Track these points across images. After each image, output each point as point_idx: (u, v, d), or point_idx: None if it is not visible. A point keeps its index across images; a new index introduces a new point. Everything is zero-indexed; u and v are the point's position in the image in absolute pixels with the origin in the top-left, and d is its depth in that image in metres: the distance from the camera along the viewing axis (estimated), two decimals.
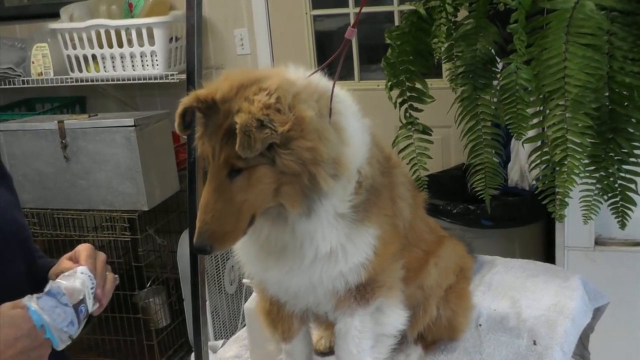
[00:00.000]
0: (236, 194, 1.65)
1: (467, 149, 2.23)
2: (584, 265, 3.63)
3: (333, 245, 1.79)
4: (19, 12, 5.84)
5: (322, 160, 1.63)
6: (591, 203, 2.04)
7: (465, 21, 2.14)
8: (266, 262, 1.86)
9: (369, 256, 1.84)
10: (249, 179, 1.64)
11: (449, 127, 4.60)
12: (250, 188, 1.64)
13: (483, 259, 2.92)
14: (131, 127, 4.44)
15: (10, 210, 1.95)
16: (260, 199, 1.66)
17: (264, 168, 1.63)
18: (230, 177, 1.65)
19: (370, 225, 1.83)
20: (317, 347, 2.31)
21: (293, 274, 1.83)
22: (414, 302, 2.13)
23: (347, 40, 1.82)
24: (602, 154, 1.95)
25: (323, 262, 1.81)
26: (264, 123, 1.57)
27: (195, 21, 1.93)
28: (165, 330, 5.08)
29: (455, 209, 4.18)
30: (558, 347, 2.27)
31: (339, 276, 1.84)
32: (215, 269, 4.64)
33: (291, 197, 1.66)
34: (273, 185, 1.65)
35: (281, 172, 1.63)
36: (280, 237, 1.79)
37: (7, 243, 1.89)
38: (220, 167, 1.65)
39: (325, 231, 1.77)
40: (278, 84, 1.64)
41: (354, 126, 1.78)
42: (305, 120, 1.61)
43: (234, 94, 1.65)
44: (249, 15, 5.21)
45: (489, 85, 2.14)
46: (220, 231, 1.67)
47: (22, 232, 1.98)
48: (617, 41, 1.81)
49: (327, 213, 1.75)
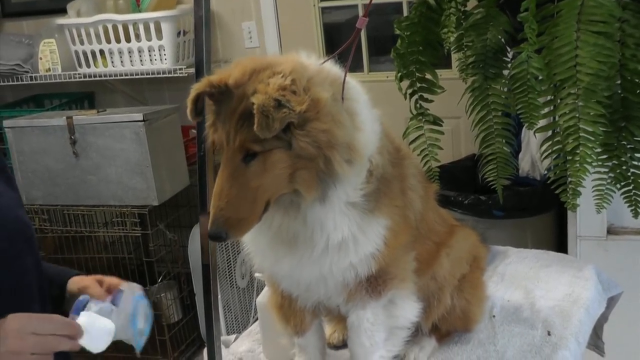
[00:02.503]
0: (251, 178, 1.64)
1: (478, 139, 2.22)
2: (597, 254, 3.62)
3: (345, 235, 1.79)
4: (26, 8, 5.83)
5: (337, 143, 1.63)
6: (604, 192, 2.03)
7: (475, 10, 2.13)
8: (277, 253, 1.86)
9: (379, 247, 1.84)
10: (264, 163, 1.64)
11: (459, 118, 4.60)
12: (266, 172, 1.64)
13: (495, 250, 2.91)
14: (140, 122, 4.43)
15: (14, 209, 1.96)
16: (276, 184, 1.66)
17: (280, 152, 1.63)
18: (245, 161, 1.64)
19: (381, 215, 1.83)
20: (331, 340, 2.30)
21: (304, 264, 1.83)
22: (428, 293, 2.12)
23: (359, 30, 1.82)
24: (614, 143, 1.93)
25: (334, 252, 1.81)
26: (281, 103, 1.57)
27: (203, 14, 1.92)
28: (177, 325, 5.08)
29: (467, 199, 4.17)
30: (572, 337, 2.27)
31: (349, 267, 1.84)
32: (226, 263, 4.64)
33: (306, 181, 1.67)
34: (288, 170, 1.65)
35: (297, 156, 1.63)
36: (292, 225, 1.79)
37: (13, 241, 1.89)
38: (235, 152, 1.65)
39: (337, 219, 1.77)
40: (292, 68, 1.65)
41: (365, 114, 1.78)
42: (321, 102, 1.62)
43: (247, 78, 1.66)
44: (257, 8, 5.20)
45: (500, 74, 2.13)
46: (235, 217, 1.66)
47: (27, 230, 1.99)
48: (629, 28, 1.80)
49: (339, 201, 1.75)
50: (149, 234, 4.79)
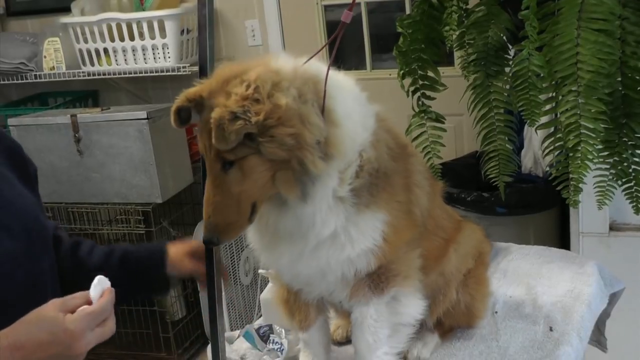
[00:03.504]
0: (232, 185, 1.69)
1: (480, 137, 2.23)
2: (599, 251, 3.62)
3: (334, 229, 1.80)
4: (31, 7, 5.84)
5: (307, 143, 1.64)
6: (605, 188, 2.04)
7: (477, 8, 2.14)
8: (277, 249, 1.88)
9: (377, 242, 1.84)
10: (241, 170, 1.67)
11: (461, 115, 4.57)
12: (245, 178, 1.68)
13: (498, 246, 2.91)
14: (144, 119, 4.45)
15: (34, 211, 2.00)
16: (257, 187, 1.70)
17: (254, 158, 1.66)
18: (224, 170, 1.68)
19: (378, 210, 1.83)
20: (334, 336, 2.31)
21: (301, 259, 1.85)
22: (435, 288, 2.13)
23: (344, 23, 1.83)
24: (615, 139, 1.94)
25: (327, 246, 1.82)
26: (237, 115, 1.60)
27: (207, 12, 1.93)
28: (181, 323, 5.09)
29: (469, 196, 4.17)
30: (574, 333, 2.27)
31: (347, 262, 1.84)
32: (230, 261, 4.65)
33: (285, 182, 1.69)
34: (268, 173, 1.68)
35: (270, 160, 1.65)
36: (286, 223, 1.81)
37: (33, 243, 1.94)
38: (213, 162, 1.69)
39: (323, 214, 1.78)
40: (257, 75, 1.67)
41: (349, 108, 1.78)
42: (281, 108, 1.63)
43: (218, 88, 1.69)
44: (260, 6, 5.21)
45: (501, 72, 2.14)
46: (223, 223, 1.73)
47: (45, 233, 2.03)
48: (629, 26, 1.81)
49: (325, 196, 1.76)
50: (153, 232, 4.80)
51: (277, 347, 2.27)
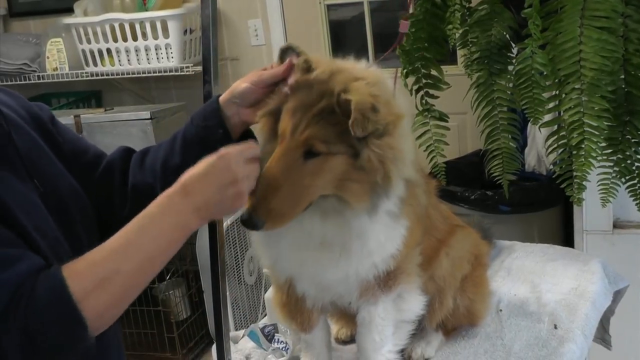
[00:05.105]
0: (306, 176, 1.63)
1: (483, 135, 2.23)
2: (603, 248, 3.62)
3: (381, 240, 1.78)
4: (33, 8, 5.84)
5: (401, 160, 1.64)
6: (609, 186, 2.04)
7: (480, 7, 2.14)
8: (302, 256, 1.83)
9: (399, 247, 1.84)
10: (323, 165, 1.63)
11: (465, 114, 4.59)
12: (322, 174, 1.63)
13: (502, 244, 2.92)
14: (148, 120, 4.45)
15: (67, 177, 1.91)
16: (324, 186, 1.65)
17: (342, 158, 1.63)
18: (304, 158, 1.63)
19: (402, 217, 1.82)
20: (339, 336, 2.30)
21: (331, 267, 1.81)
22: (428, 293, 2.12)
23: (402, 34, 1.83)
24: (619, 137, 1.95)
25: (359, 253, 1.79)
26: (376, 108, 1.57)
27: (210, 12, 1.92)
28: (185, 323, 5.09)
29: (473, 195, 4.17)
30: (579, 330, 2.27)
31: (372, 267, 1.83)
32: (234, 260, 4.65)
33: (357, 192, 1.65)
34: (341, 177, 1.64)
35: (358, 167, 1.62)
36: (327, 230, 1.75)
37: (68, 209, 1.84)
38: (298, 145, 1.63)
39: (376, 227, 1.75)
40: (377, 78, 1.67)
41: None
42: (401, 119, 1.63)
43: (327, 76, 1.66)
44: (263, 5, 5.21)
45: (505, 70, 2.14)
46: (278, 210, 1.64)
47: (80, 200, 1.92)
48: (632, 23, 1.81)
49: (385, 209, 1.74)
50: None
51: (282, 346, 2.27)
